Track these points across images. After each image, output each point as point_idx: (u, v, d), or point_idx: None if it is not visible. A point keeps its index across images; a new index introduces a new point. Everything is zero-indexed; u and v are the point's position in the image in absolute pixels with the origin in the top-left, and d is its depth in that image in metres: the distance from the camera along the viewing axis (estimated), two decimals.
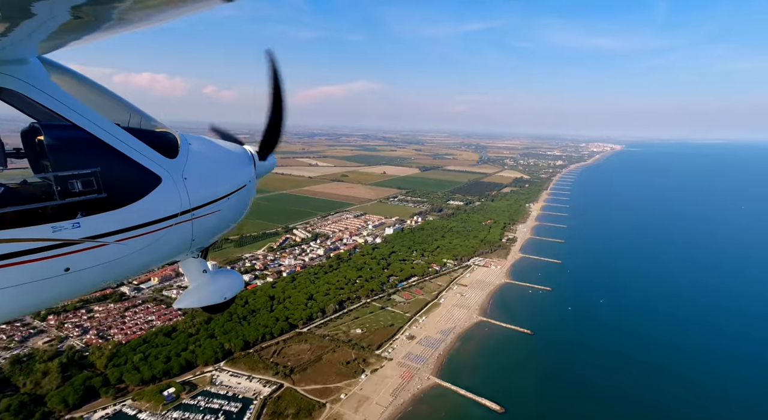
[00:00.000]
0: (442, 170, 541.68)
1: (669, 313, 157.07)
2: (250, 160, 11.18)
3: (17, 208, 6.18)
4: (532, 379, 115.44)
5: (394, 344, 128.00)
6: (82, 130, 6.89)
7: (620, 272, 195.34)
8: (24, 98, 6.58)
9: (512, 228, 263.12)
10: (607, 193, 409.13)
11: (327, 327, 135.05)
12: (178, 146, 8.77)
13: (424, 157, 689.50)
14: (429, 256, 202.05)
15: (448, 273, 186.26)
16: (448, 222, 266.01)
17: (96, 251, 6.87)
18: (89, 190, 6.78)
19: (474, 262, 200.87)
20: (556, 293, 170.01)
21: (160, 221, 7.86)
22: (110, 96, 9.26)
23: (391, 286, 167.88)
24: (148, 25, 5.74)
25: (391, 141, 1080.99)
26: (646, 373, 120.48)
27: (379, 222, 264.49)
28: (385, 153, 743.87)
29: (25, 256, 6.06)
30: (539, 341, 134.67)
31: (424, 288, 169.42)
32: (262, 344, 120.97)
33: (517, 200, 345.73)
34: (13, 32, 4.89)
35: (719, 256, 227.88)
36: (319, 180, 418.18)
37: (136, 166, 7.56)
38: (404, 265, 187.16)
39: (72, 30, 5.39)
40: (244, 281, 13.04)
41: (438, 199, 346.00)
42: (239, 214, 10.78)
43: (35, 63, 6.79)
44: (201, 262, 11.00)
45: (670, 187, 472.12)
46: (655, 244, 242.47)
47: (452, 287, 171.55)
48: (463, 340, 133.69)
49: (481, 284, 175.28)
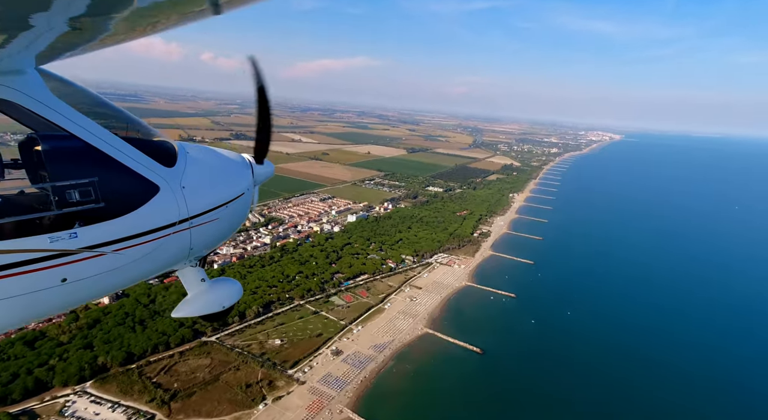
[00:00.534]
0: (431, 153, 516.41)
1: (653, 329, 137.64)
2: (248, 168, 11.09)
3: (14, 218, 6.13)
4: (473, 412, 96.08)
5: (314, 361, 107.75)
6: (80, 140, 6.88)
7: (597, 277, 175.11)
8: (21, 109, 6.49)
9: (488, 221, 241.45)
10: (597, 185, 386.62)
11: (242, 335, 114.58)
12: (176, 155, 8.74)
13: (415, 138, 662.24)
14: (387, 250, 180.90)
15: (404, 271, 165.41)
16: (419, 211, 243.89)
17: (93, 261, 6.85)
18: (87, 200, 6.72)
19: (437, 259, 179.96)
20: (520, 301, 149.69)
21: (158, 230, 7.81)
22: (108, 106, 9.02)
23: (333, 285, 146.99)
24: (144, 35, 5.68)
25: (386, 119, 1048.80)
26: (615, 399, 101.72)
27: (345, 207, 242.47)
28: (376, 131, 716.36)
29: (22, 267, 6.02)
30: (488, 363, 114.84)
31: (371, 289, 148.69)
32: (151, 357, 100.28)
33: (501, 189, 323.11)
34: (11, 44, 4.88)
35: (714, 252, 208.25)
36: (297, 157, 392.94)
37: (134, 176, 7.55)
38: (356, 260, 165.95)
39: (70, 41, 5.39)
40: (242, 289, 12.33)
41: (417, 184, 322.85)
42: (238, 222, 10.83)
43: (33, 74, 6.69)
44: (199, 270, 10.83)
45: (663, 180, 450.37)
46: (642, 246, 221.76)
47: (404, 289, 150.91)
48: (399, 358, 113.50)
49: (438, 287, 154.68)
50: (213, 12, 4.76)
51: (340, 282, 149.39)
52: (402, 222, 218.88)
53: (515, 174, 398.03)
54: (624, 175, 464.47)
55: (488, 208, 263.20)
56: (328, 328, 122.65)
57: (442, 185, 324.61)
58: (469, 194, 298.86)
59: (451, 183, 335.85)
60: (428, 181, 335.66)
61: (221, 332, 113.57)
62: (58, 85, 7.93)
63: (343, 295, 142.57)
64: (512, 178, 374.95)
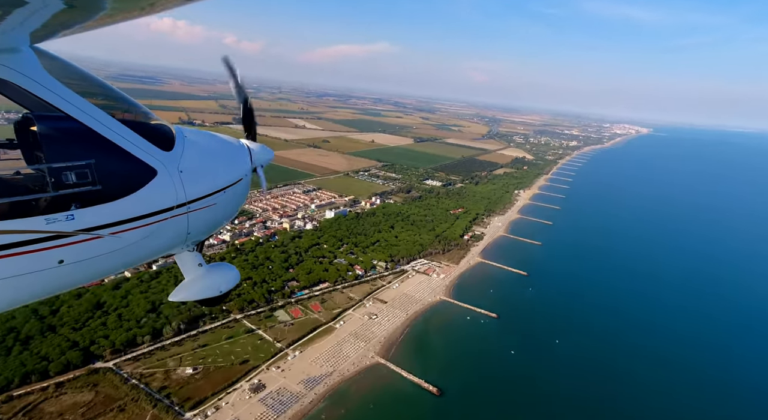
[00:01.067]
0: (439, 143, 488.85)
1: (652, 358, 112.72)
2: (246, 153, 11.03)
3: (10, 199, 6.09)
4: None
5: (225, 400, 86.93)
6: (77, 121, 6.77)
7: (599, 297, 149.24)
8: (16, 88, 6.34)
9: (484, 221, 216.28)
10: (613, 182, 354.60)
11: (149, 360, 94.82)
12: (174, 138, 8.65)
13: (426, 127, 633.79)
14: (359, 253, 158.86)
15: (372, 280, 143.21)
16: (408, 207, 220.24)
17: (90, 244, 6.78)
18: (83, 182, 6.62)
19: (414, 266, 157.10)
20: (502, 323, 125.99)
21: (156, 214, 7.74)
22: (105, 87, 8.71)
23: (284, 295, 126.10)
24: (140, 15, 5.68)
25: (402, 107, 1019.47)
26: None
27: (328, 201, 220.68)
28: (388, 119, 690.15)
29: (18, 248, 5.96)
30: (446, 407, 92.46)
31: (327, 302, 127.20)
32: (16, 390, 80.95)
33: (506, 185, 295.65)
34: (6, 20, 4.83)
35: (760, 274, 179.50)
36: (295, 144, 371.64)
37: (131, 159, 7.44)
38: (318, 265, 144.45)
39: (65, 19, 5.34)
40: (240, 275, 12.36)
41: (415, 176, 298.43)
42: (235, 207, 10.73)
43: (28, 52, 6.58)
44: (196, 255, 10.77)
45: (688, 175, 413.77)
46: (658, 257, 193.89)
47: (366, 303, 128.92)
48: (334, 399, 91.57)
49: (406, 302, 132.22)
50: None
51: (292, 292, 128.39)
52: (385, 220, 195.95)
53: (525, 168, 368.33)
54: (645, 170, 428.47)
55: (487, 206, 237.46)
56: (259, 352, 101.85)
57: (442, 178, 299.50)
58: (469, 190, 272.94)
59: (453, 176, 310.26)
60: (428, 174, 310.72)
61: (124, 355, 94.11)
62: (54, 65, 7.64)
63: (291, 308, 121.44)
64: (521, 173, 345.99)
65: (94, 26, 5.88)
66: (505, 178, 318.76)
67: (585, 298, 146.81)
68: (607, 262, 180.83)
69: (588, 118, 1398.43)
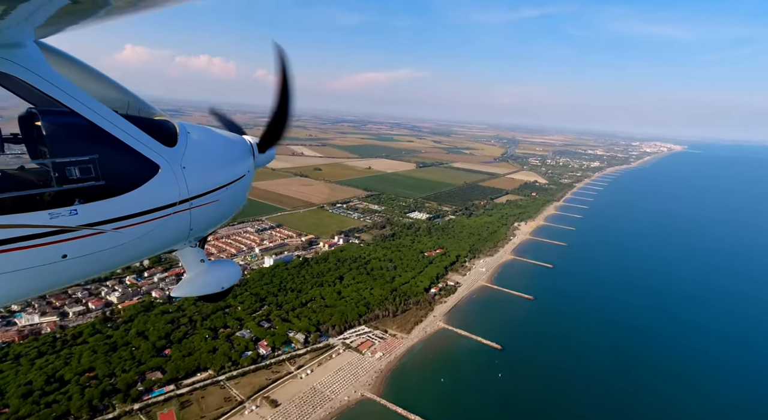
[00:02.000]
0: (444, 168, 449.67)
1: None
2: (249, 151, 10.91)
3: (14, 194, 6.10)
4: None
5: None
6: (81, 117, 6.73)
7: (598, 397, 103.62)
8: (21, 83, 6.30)
9: (465, 265, 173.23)
10: (635, 211, 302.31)
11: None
12: (177, 135, 8.57)
13: (436, 151, 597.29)
14: (277, 320, 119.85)
15: (276, 364, 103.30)
16: (373, 249, 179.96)
17: (94, 239, 6.76)
18: (87, 177, 6.62)
19: (348, 337, 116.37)
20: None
21: (158, 210, 7.70)
22: (109, 82, 8.67)
23: (130, 397, 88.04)
24: (146, 10, 5.69)
25: (417, 131, 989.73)
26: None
27: (280, 242, 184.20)
28: (399, 144, 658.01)
29: (22, 242, 5.94)
30: None
31: (191, 406, 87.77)
32: None
33: (505, 216, 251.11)
34: (10, 15, 4.82)
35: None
36: (282, 173, 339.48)
37: (135, 154, 7.41)
38: (207, 342, 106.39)
39: (69, 14, 5.34)
40: (242, 272, 12.49)
41: (400, 208, 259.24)
42: (237, 204, 10.68)
43: (33, 47, 6.50)
44: (199, 251, 10.74)
45: (720, 202, 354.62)
46: (688, 319, 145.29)
47: (247, 409, 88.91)
48: None
49: (310, 403, 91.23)
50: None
51: (149, 389, 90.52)
52: (336, 268, 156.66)
53: (534, 194, 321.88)
54: (673, 197, 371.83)
55: (474, 245, 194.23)
56: None
57: (432, 209, 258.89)
58: (458, 223, 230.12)
59: (446, 206, 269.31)
60: (418, 204, 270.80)
61: None
62: (58, 60, 7.67)
63: (141, 416, 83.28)
64: (527, 201, 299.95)
65: (101, 21, 5.72)
66: (506, 208, 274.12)
67: (589, 399, 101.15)
68: (625, 324, 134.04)
69: (616, 136, 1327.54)
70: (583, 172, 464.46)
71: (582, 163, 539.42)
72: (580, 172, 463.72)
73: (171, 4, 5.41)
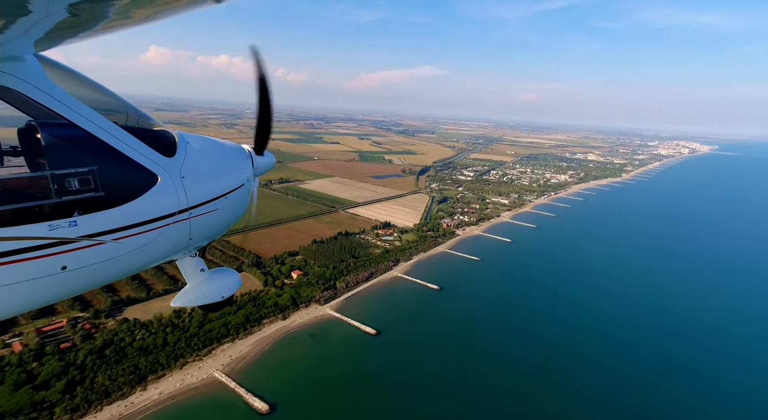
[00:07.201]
0: (291, 188, 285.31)
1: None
2: (248, 159, 10.65)
3: (14, 206, 5.96)
4: None
5: None
6: (80, 129, 6.60)
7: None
8: (21, 96, 6.18)
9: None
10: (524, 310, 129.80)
11: None
12: (176, 145, 8.44)
13: (349, 155, 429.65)
14: None
15: None
16: None
17: (93, 250, 6.61)
18: (86, 188, 6.48)
19: None
20: None
21: (158, 220, 7.56)
22: (108, 94, 8.52)
23: None
24: (145, 22, 5.61)
25: (386, 128, 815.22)
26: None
27: None
28: (323, 146, 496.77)
29: (21, 255, 5.81)
30: None
31: None
32: None
33: None
34: (9, 29, 4.69)
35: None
36: None
37: (134, 165, 7.28)
38: None
39: (69, 28, 5.19)
40: (241, 280, 11.76)
41: None
42: (237, 213, 10.42)
43: (32, 60, 6.39)
44: (198, 261, 10.41)
45: None
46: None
47: None
48: None
49: None
50: (213, 0, 4.56)
51: None
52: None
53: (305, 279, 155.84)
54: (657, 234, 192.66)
55: None
56: None
57: None
58: None
59: None
60: None
61: None
62: (57, 73, 7.58)
63: None
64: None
65: (99, 34, 5.61)
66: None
67: None
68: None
69: (635, 134, 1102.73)
70: (513, 202, 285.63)
71: (539, 178, 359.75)
72: (507, 202, 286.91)
73: (166, 18, 5.12)
